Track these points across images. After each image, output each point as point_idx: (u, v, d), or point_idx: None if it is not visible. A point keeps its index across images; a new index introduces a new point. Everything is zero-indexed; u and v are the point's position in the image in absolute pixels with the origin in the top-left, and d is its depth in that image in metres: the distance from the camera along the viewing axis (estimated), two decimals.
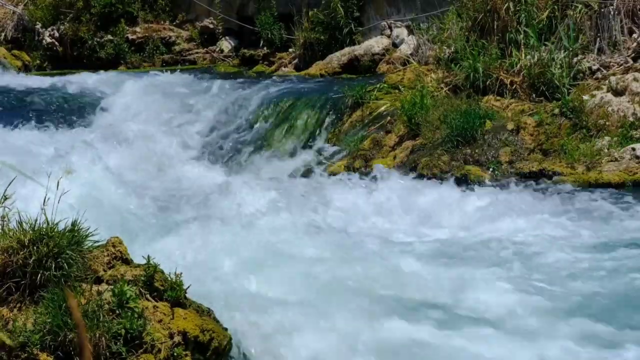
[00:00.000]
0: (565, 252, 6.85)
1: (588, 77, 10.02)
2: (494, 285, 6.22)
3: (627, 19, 10.43)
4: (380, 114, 10.55)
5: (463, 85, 10.41)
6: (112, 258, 5.26)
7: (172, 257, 6.09)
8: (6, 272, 4.91)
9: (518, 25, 10.67)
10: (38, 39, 16.43)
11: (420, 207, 8.28)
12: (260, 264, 6.43)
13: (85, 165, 8.14)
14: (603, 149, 8.77)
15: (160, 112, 12.13)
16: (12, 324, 4.79)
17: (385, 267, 6.50)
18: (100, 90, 13.13)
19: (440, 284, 6.27)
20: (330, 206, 8.38)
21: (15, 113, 12.25)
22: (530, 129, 9.27)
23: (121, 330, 4.81)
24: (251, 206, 7.86)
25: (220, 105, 12.18)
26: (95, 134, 11.27)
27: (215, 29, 15.86)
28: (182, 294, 5.22)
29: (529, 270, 6.55)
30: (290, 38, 14.65)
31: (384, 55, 12.95)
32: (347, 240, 7.28)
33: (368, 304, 5.84)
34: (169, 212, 8.17)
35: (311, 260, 6.62)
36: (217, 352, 5.18)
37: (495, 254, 6.96)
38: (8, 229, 5.01)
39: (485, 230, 7.58)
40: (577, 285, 6.23)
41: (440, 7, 12.49)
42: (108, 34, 16.04)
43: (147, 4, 16.35)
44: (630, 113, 9.07)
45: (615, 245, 6.98)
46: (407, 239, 7.53)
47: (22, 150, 10.00)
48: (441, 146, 9.33)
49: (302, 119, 11.31)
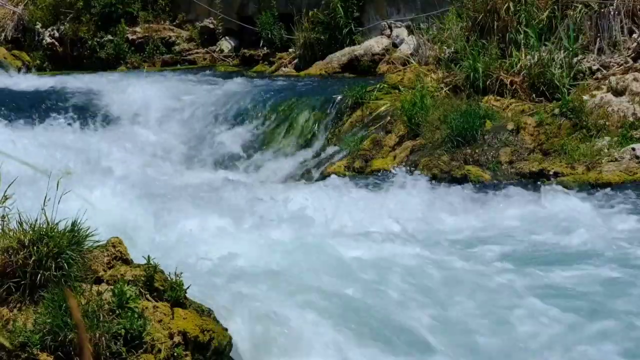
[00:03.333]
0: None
1: (588, 77, 10.02)
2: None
3: (627, 19, 10.43)
4: (380, 114, 10.54)
5: (463, 85, 10.41)
6: (112, 258, 5.26)
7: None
8: (6, 272, 4.91)
9: (518, 25, 10.67)
10: (38, 39, 16.44)
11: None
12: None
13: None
14: (603, 149, 8.77)
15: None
16: (12, 324, 4.79)
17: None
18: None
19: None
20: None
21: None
22: (530, 129, 9.27)
23: (121, 330, 4.81)
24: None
25: (220, 105, 12.19)
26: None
27: (215, 29, 15.87)
28: (182, 294, 5.22)
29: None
30: (290, 38, 14.65)
31: (384, 56, 12.95)
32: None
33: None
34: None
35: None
36: (217, 352, 5.18)
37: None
38: (8, 229, 5.02)
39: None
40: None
41: (440, 7, 12.50)
42: (108, 34, 16.04)
43: (147, 4, 16.35)
44: (630, 113, 9.07)
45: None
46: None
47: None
48: (441, 146, 9.33)
49: (301, 119, 11.31)
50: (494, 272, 6.42)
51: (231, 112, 11.97)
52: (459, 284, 6.16)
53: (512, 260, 6.66)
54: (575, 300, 5.92)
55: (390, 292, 5.96)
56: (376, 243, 7.02)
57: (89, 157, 10.47)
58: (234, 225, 7.15)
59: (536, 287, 6.13)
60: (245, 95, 12.23)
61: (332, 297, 5.77)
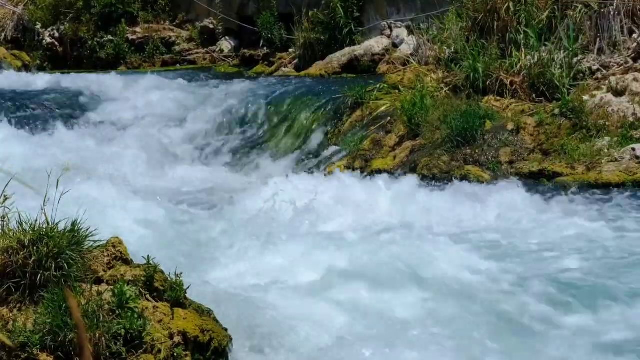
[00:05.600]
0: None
1: (588, 78, 10.02)
2: None
3: (627, 19, 10.43)
4: (380, 114, 10.54)
5: (463, 85, 10.41)
6: (112, 258, 5.26)
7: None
8: (6, 272, 4.91)
9: (518, 26, 10.67)
10: (38, 39, 16.44)
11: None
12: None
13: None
14: (603, 149, 8.77)
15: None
16: (12, 324, 4.79)
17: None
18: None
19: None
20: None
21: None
22: (530, 129, 9.27)
23: (121, 330, 4.81)
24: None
25: (221, 105, 12.19)
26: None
27: (215, 29, 15.86)
28: (182, 294, 5.22)
29: None
30: (290, 38, 14.65)
31: (384, 56, 12.95)
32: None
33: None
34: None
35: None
36: (217, 352, 5.18)
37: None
38: (8, 229, 5.01)
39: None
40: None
41: (440, 7, 12.50)
42: (108, 34, 16.04)
43: (147, 4, 16.35)
44: (630, 113, 9.07)
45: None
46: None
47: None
48: (441, 146, 9.33)
49: (302, 119, 11.31)
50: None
51: (232, 112, 12.00)
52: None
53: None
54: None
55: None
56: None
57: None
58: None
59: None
60: (245, 95, 12.24)
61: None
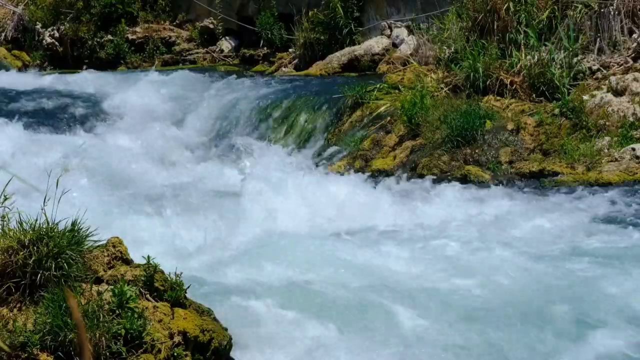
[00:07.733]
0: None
1: (588, 77, 10.01)
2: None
3: (627, 19, 10.43)
4: (380, 114, 10.54)
5: (463, 85, 10.41)
6: (112, 258, 5.26)
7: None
8: (6, 272, 4.91)
9: (518, 26, 10.67)
10: (38, 39, 16.43)
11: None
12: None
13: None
14: (603, 149, 8.77)
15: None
16: (12, 324, 4.79)
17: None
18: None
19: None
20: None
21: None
22: (530, 129, 9.27)
23: (121, 330, 4.81)
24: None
25: (219, 105, 12.19)
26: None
27: (215, 29, 15.87)
28: (182, 294, 5.22)
29: None
30: (290, 38, 14.65)
31: (384, 56, 12.95)
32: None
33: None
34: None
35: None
36: (217, 352, 5.18)
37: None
38: (8, 229, 5.01)
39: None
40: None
41: (440, 7, 12.49)
42: (108, 34, 16.05)
43: (147, 4, 16.36)
44: (630, 113, 9.07)
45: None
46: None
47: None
48: (441, 146, 9.33)
49: (301, 119, 11.31)
50: None
51: (231, 112, 12.00)
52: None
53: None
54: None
55: None
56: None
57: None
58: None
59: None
60: (245, 95, 12.24)
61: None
